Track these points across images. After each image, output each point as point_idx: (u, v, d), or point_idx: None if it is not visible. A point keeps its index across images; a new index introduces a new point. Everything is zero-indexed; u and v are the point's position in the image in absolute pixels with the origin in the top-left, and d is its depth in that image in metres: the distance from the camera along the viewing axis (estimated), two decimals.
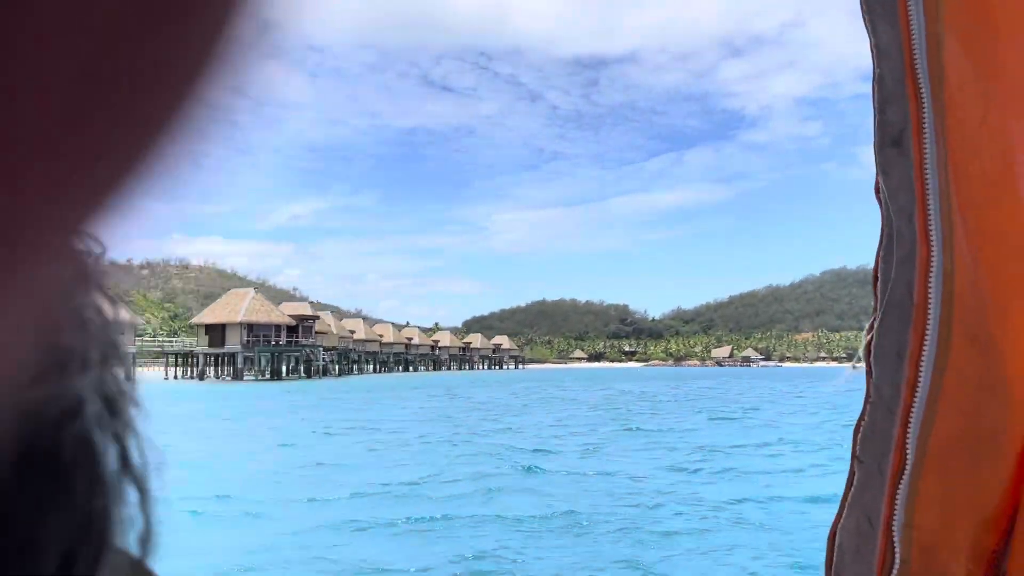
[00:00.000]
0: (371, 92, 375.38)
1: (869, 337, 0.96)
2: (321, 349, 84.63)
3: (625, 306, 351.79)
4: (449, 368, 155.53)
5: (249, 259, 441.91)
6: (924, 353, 0.91)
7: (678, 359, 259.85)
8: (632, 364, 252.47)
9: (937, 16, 0.91)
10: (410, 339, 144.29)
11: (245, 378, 78.36)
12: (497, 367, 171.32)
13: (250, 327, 77.44)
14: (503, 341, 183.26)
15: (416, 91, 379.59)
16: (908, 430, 0.92)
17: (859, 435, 0.98)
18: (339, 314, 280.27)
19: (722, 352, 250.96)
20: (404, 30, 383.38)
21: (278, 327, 79.75)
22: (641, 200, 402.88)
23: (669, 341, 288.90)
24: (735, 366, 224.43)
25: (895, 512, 0.93)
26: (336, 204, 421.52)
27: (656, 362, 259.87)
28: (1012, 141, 0.89)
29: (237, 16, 0.24)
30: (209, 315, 79.04)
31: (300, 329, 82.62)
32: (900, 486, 0.93)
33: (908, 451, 0.92)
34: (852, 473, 0.99)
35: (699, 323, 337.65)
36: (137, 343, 75.96)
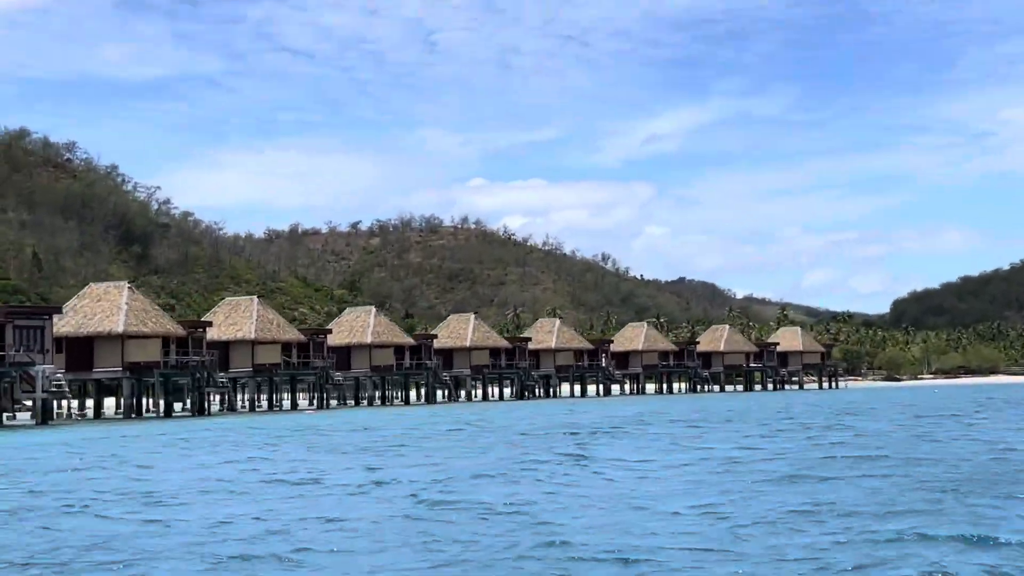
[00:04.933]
0: None
1: None
2: (206, 371, 62.81)
3: None
4: (723, 387, 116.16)
5: (588, 211, 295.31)
6: None
7: None
8: None
9: None
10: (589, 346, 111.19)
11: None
12: (780, 386, 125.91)
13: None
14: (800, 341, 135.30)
15: None
16: None
17: None
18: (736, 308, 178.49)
19: None
20: None
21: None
22: None
23: None
24: None
25: None
26: (721, 114, 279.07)
27: None
28: None
29: None
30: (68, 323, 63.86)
31: (191, 341, 62.88)
32: None
33: None
34: None
35: None
36: None
